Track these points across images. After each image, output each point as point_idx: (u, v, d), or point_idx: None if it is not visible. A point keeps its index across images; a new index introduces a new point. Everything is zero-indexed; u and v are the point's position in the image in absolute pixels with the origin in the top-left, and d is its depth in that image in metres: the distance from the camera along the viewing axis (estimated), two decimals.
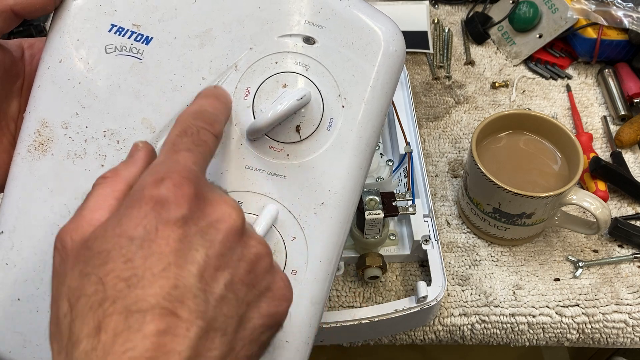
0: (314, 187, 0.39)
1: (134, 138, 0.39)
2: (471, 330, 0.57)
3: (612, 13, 0.74)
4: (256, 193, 0.39)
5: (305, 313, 0.39)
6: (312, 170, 0.39)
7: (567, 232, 0.63)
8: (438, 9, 0.87)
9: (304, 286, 0.39)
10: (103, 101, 0.40)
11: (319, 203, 0.39)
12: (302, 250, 0.39)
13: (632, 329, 0.56)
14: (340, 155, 0.39)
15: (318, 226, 0.39)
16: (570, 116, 0.74)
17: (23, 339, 0.38)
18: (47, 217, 0.39)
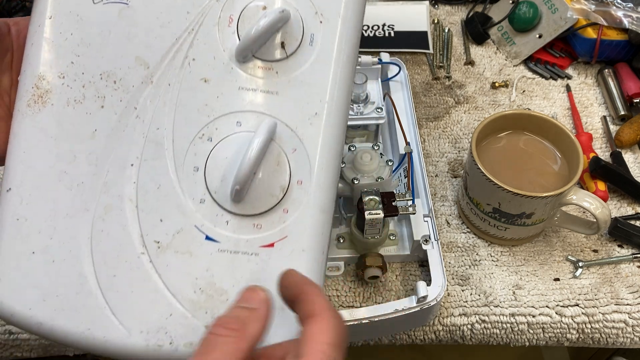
0: (306, 99, 0.41)
1: (129, 76, 0.41)
2: (471, 330, 0.57)
3: (612, 13, 0.74)
4: (253, 111, 0.41)
5: (317, 221, 0.41)
6: (301, 84, 0.42)
7: (567, 232, 0.63)
8: (438, 9, 0.87)
9: (311, 195, 0.41)
10: (96, 47, 0.41)
11: (312, 114, 0.41)
12: (304, 161, 0.41)
13: (631, 328, 0.56)
14: (325, 67, 0.42)
15: (315, 136, 0.41)
16: (570, 116, 0.74)
17: (42, 293, 0.38)
18: (54, 165, 0.40)
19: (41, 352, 0.58)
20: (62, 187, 0.40)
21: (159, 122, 0.41)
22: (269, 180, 0.40)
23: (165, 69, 0.41)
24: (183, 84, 0.41)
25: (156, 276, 0.39)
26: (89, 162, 0.40)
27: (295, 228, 0.40)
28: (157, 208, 0.40)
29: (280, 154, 0.40)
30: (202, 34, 0.42)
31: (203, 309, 0.38)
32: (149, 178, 0.40)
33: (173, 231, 0.39)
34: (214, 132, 0.41)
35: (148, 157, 0.40)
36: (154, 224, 0.39)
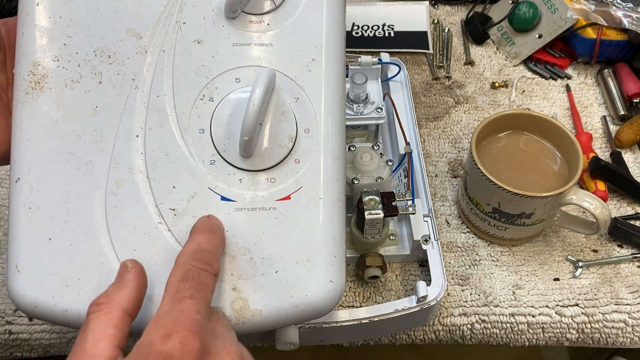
0: (300, 47, 0.41)
1: (123, 49, 0.41)
2: (471, 330, 0.57)
3: (612, 13, 0.74)
4: (250, 66, 0.41)
5: (330, 168, 0.41)
6: (294, 33, 0.42)
7: (566, 232, 0.63)
8: (438, 9, 0.87)
9: (320, 142, 0.41)
10: (86, 26, 0.41)
11: (309, 60, 0.41)
12: (308, 108, 0.41)
13: (631, 328, 0.56)
14: (315, 12, 0.42)
15: (316, 82, 0.41)
16: (569, 116, 0.74)
17: (63, 279, 0.38)
18: (59, 147, 0.40)
19: (41, 352, 0.58)
20: (70, 168, 0.40)
21: (159, 89, 0.41)
22: (276, 131, 0.40)
23: (157, 37, 0.41)
24: (177, 48, 0.41)
25: (177, 244, 0.38)
26: (94, 140, 0.40)
27: (309, 177, 0.40)
28: (168, 176, 0.40)
29: (283, 103, 0.41)
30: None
31: (228, 271, 0.38)
32: (156, 146, 0.40)
33: (187, 196, 0.39)
34: (215, 92, 0.41)
35: (152, 126, 0.40)
36: (167, 192, 0.39)
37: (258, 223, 0.39)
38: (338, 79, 0.42)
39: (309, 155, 0.41)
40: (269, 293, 0.38)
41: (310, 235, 0.40)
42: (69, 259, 0.38)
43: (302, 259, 0.39)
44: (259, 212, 0.40)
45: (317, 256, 0.39)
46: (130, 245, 0.38)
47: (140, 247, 0.38)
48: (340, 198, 0.41)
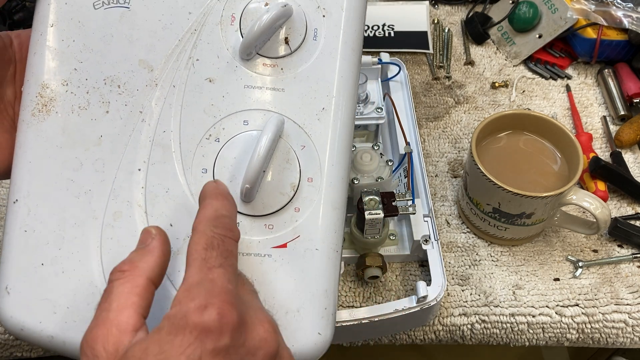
0: (312, 94, 0.41)
1: (133, 80, 0.41)
2: (471, 330, 0.57)
3: (612, 13, 0.74)
4: (259, 109, 0.40)
5: (329, 219, 0.40)
6: (307, 80, 0.41)
7: (566, 232, 0.63)
8: (438, 9, 0.87)
9: (322, 192, 0.40)
10: (99, 52, 0.41)
11: (320, 109, 0.41)
12: (313, 157, 0.40)
13: (631, 328, 0.56)
14: (330, 61, 0.41)
15: (323, 131, 0.40)
16: (570, 116, 0.74)
17: (52, 305, 0.37)
18: (60, 173, 0.39)
19: (41, 352, 0.58)
20: (69, 195, 0.39)
21: (165, 124, 0.40)
22: (279, 178, 0.39)
23: (169, 71, 0.41)
24: (188, 85, 0.41)
25: (168, 282, 0.38)
26: (95, 169, 0.39)
27: (307, 227, 0.39)
28: (166, 213, 0.39)
29: (289, 151, 0.40)
30: (205, 34, 0.41)
31: None
32: (157, 182, 0.39)
33: (184, 235, 0.39)
34: (221, 132, 0.40)
35: (156, 161, 0.40)
36: (164, 229, 0.38)
37: (252, 269, 0.38)
38: (346, 129, 0.41)
39: (309, 204, 0.40)
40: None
41: (303, 285, 0.39)
42: (60, 286, 0.38)
43: (292, 309, 0.38)
44: (254, 257, 0.39)
45: (308, 308, 0.38)
46: None
47: None
48: (337, 250, 0.40)
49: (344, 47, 0.42)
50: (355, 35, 0.42)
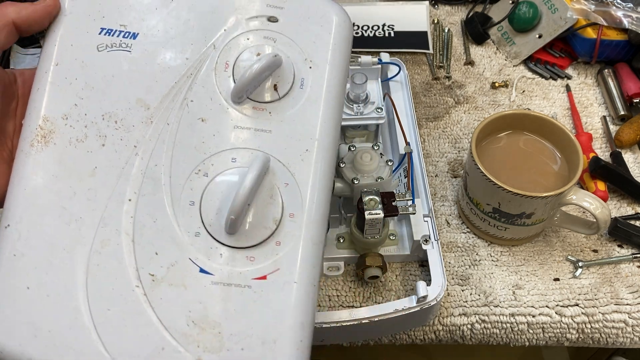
0: (297, 137, 0.44)
1: (130, 117, 0.43)
2: (471, 330, 0.57)
3: (612, 13, 0.74)
4: (247, 148, 0.43)
5: (309, 253, 0.42)
6: (293, 123, 0.44)
7: (566, 232, 0.63)
8: (438, 9, 0.87)
9: (303, 228, 0.42)
10: (100, 91, 0.43)
11: (303, 150, 0.44)
12: (296, 194, 0.43)
13: (631, 328, 0.56)
14: (314, 107, 0.45)
15: (306, 171, 0.43)
16: (569, 116, 0.74)
17: (34, 329, 0.38)
18: (53, 201, 0.41)
19: None
20: (60, 222, 0.40)
21: (157, 159, 0.42)
22: (262, 212, 0.41)
23: (164, 110, 0.43)
24: (181, 123, 0.43)
25: (150, 309, 0.39)
26: (88, 198, 0.41)
27: (287, 260, 0.41)
28: (153, 242, 0.40)
29: (273, 187, 0.42)
30: (200, 78, 0.44)
31: (195, 343, 0.39)
32: (146, 212, 0.41)
33: (168, 264, 0.40)
34: (210, 168, 0.42)
35: (146, 193, 0.41)
36: (149, 257, 0.40)
37: (232, 299, 0.40)
38: (327, 169, 0.44)
39: (290, 239, 0.42)
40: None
41: (281, 317, 0.40)
42: (43, 310, 0.38)
43: (269, 340, 0.39)
44: (234, 288, 0.40)
45: (284, 340, 0.39)
46: (105, 304, 0.39)
47: (114, 307, 0.39)
48: (314, 284, 0.42)
49: (328, 95, 0.45)
50: (338, 85, 0.46)
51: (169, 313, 0.39)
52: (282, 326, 0.40)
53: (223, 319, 0.40)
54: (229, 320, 0.39)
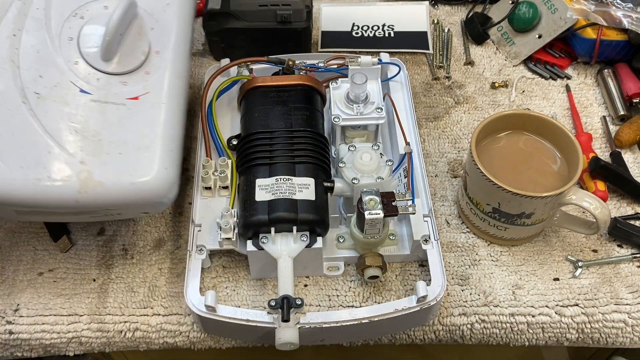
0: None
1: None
2: (471, 330, 0.57)
3: (612, 13, 0.74)
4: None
5: (174, 83, 0.53)
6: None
7: (566, 232, 0.63)
8: (438, 10, 0.87)
9: (168, 63, 0.53)
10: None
11: (165, 4, 0.54)
12: (160, 36, 0.53)
13: (631, 328, 0.56)
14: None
15: (170, 19, 0.54)
16: (569, 116, 0.74)
17: None
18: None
19: (41, 352, 0.58)
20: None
21: (40, 4, 0.51)
22: (132, 46, 0.52)
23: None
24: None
25: (36, 121, 0.47)
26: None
27: (155, 86, 0.51)
28: (37, 67, 0.49)
29: (141, 27, 0.53)
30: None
31: (78, 147, 0.47)
32: (30, 45, 0.50)
33: (51, 85, 0.49)
34: (85, 13, 0.52)
35: (29, 29, 0.50)
36: (34, 79, 0.49)
37: (109, 114, 0.49)
38: (187, 18, 0.56)
39: (157, 70, 0.52)
40: (111, 170, 0.48)
41: (152, 129, 0.50)
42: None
43: (142, 147, 0.49)
44: (111, 105, 0.50)
45: (156, 146, 0.49)
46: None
47: (2, 119, 0.47)
48: (180, 108, 0.52)
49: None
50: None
51: (53, 124, 0.48)
52: (153, 136, 0.50)
53: (102, 129, 0.49)
54: (108, 130, 0.49)
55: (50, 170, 0.46)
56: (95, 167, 0.47)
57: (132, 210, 0.52)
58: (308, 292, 0.58)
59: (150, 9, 0.54)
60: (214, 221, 0.58)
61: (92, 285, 0.59)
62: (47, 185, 0.46)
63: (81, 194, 0.46)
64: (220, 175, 0.60)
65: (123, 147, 0.48)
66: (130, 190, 0.48)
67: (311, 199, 0.55)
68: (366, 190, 0.54)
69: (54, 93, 0.49)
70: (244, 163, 0.59)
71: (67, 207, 0.48)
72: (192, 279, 0.55)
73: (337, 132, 0.63)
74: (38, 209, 0.48)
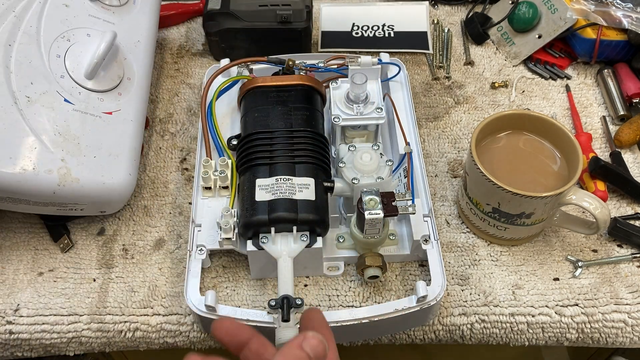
0: (131, 32, 0.66)
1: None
2: (470, 329, 0.57)
3: (612, 13, 0.74)
4: (98, 30, 0.62)
5: (140, 104, 0.64)
6: (128, 23, 0.66)
7: (566, 232, 0.63)
8: (438, 10, 0.87)
9: (135, 88, 0.63)
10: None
11: (136, 41, 0.66)
12: (132, 66, 0.64)
13: (631, 328, 0.56)
14: (143, 18, 0.68)
15: (138, 55, 0.65)
16: (569, 116, 0.74)
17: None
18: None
19: (41, 352, 0.58)
20: None
21: (32, 22, 0.59)
22: (110, 69, 0.62)
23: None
24: (50, 3, 0.61)
25: (24, 121, 0.55)
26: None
27: (126, 106, 0.62)
28: (29, 75, 0.57)
29: (117, 56, 0.63)
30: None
31: (60, 147, 0.55)
32: (23, 55, 0.57)
33: (40, 92, 0.57)
34: (72, 36, 0.61)
35: (23, 42, 0.58)
36: (25, 85, 0.56)
37: (87, 123, 0.58)
38: (149, 57, 0.67)
39: (127, 92, 0.63)
40: (87, 169, 0.56)
41: (122, 141, 0.60)
42: None
43: (113, 154, 0.58)
44: (89, 116, 0.59)
45: (123, 155, 0.59)
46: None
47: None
48: (142, 125, 0.63)
49: (152, 8, 0.69)
50: (157, 4, 0.67)
51: (40, 125, 0.55)
52: (122, 147, 0.60)
53: (81, 134, 0.57)
54: (85, 136, 0.57)
55: (35, 163, 0.54)
56: (73, 165, 0.56)
57: (96, 206, 0.60)
58: (308, 292, 0.58)
59: (125, 43, 0.64)
60: (214, 221, 0.58)
61: (92, 285, 0.59)
62: (32, 176, 0.53)
63: (59, 187, 0.55)
64: (220, 175, 0.60)
65: (97, 152, 0.58)
66: (100, 188, 0.57)
67: (311, 199, 0.55)
68: (366, 190, 0.54)
69: (42, 99, 0.56)
70: (244, 163, 0.59)
71: (45, 197, 0.55)
72: (192, 279, 0.55)
73: (337, 132, 0.63)
74: (17, 196, 0.55)
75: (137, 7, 0.67)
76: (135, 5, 0.67)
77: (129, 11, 0.66)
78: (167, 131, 0.72)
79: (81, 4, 0.63)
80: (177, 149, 0.70)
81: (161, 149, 0.70)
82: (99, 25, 0.63)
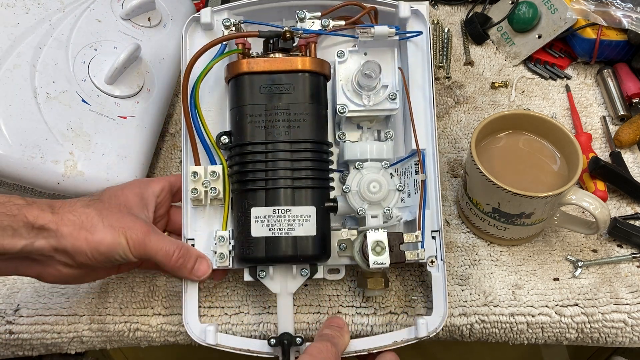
0: (157, 50, 0.69)
1: (49, 3, 0.64)
2: (470, 329, 0.57)
3: (611, 13, 0.74)
4: (124, 45, 0.64)
5: (156, 112, 0.67)
6: (156, 42, 0.70)
7: (566, 232, 0.63)
8: (437, 10, 0.87)
9: (152, 97, 0.66)
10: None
11: (161, 58, 0.69)
12: (153, 79, 0.67)
13: (631, 328, 0.56)
14: (170, 39, 0.71)
15: (160, 70, 0.68)
16: (569, 116, 0.74)
17: None
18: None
19: (42, 351, 0.58)
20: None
21: (64, 31, 0.63)
22: (130, 79, 0.64)
23: (73, 7, 0.65)
24: (84, 16, 0.65)
25: (40, 114, 0.58)
26: (8, 38, 0.60)
27: (141, 113, 0.64)
28: (52, 74, 0.60)
29: (140, 69, 0.66)
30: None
31: (70, 141, 0.58)
32: (50, 57, 0.61)
33: (60, 90, 0.60)
34: (99, 47, 0.64)
35: (53, 47, 0.62)
36: (47, 83, 0.60)
37: (101, 123, 0.61)
38: (172, 72, 0.70)
39: (145, 102, 0.65)
40: (93, 165, 0.59)
41: (132, 144, 0.62)
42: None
43: (122, 155, 0.61)
44: (104, 117, 0.61)
45: (132, 157, 0.61)
46: (9, 101, 0.57)
47: (15, 105, 0.57)
48: (156, 134, 0.66)
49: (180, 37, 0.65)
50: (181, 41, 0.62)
51: (55, 119, 0.58)
52: (131, 150, 0.62)
53: (93, 132, 0.60)
54: (97, 135, 0.60)
55: (43, 152, 0.57)
56: (80, 160, 0.58)
57: None
58: (308, 292, 0.58)
59: (150, 58, 0.67)
60: (209, 235, 0.55)
61: (92, 285, 0.59)
62: (39, 164, 0.56)
63: (64, 178, 0.57)
64: (212, 191, 0.54)
65: (106, 151, 0.60)
66: (104, 185, 0.57)
67: (312, 235, 0.51)
68: (372, 231, 0.51)
69: (61, 97, 0.60)
70: (237, 180, 0.53)
71: (48, 187, 0.58)
72: (190, 302, 0.54)
73: (342, 121, 0.57)
74: (24, 184, 0.57)
75: (167, 29, 0.70)
76: (165, 28, 0.71)
77: (158, 32, 0.70)
78: (167, 132, 0.72)
79: (113, 21, 0.67)
80: (177, 149, 0.70)
81: (161, 149, 0.70)
82: (127, 40, 0.66)
